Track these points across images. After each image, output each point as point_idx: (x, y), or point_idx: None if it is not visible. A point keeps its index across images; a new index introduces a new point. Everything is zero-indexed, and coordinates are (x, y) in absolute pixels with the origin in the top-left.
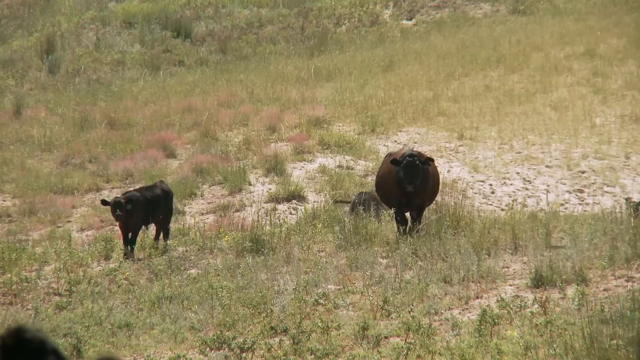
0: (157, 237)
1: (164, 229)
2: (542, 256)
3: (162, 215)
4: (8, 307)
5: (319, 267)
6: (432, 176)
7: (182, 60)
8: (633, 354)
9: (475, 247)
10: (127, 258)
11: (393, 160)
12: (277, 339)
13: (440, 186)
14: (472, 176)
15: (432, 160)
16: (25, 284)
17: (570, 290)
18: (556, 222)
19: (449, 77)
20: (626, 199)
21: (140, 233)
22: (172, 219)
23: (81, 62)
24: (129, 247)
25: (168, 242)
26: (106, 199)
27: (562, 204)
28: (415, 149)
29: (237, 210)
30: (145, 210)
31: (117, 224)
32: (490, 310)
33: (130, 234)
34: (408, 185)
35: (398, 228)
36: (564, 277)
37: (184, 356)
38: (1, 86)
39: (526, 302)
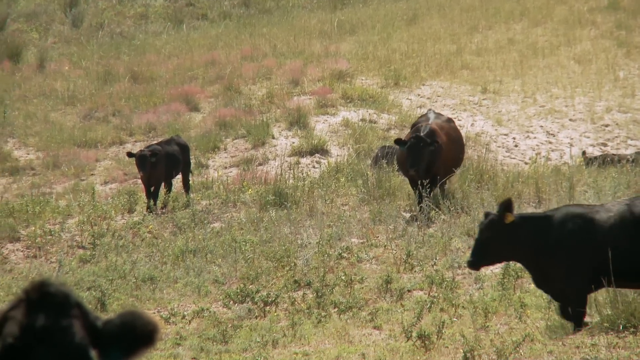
0: (186, 189)
1: (184, 182)
2: None
3: (182, 169)
4: (32, 260)
5: (342, 220)
6: (450, 145)
7: (205, 13)
8: None
9: (499, 201)
10: (150, 212)
11: (397, 140)
12: (300, 292)
13: (463, 154)
14: (496, 130)
15: (437, 142)
16: (49, 237)
17: None
18: (580, 176)
19: (473, 30)
20: (582, 152)
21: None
22: (196, 172)
23: (104, 16)
24: (151, 201)
25: (190, 195)
26: (131, 151)
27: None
28: (434, 120)
29: (260, 164)
30: (166, 164)
31: (140, 177)
32: (514, 263)
33: (152, 187)
34: (410, 168)
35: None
36: None
37: (207, 309)
38: (25, 40)
39: None
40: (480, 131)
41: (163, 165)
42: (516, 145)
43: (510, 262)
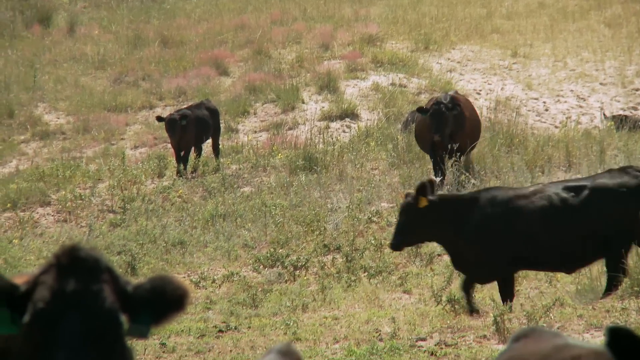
0: (216, 154)
1: (214, 146)
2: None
3: (212, 134)
4: (62, 225)
5: (372, 185)
6: (469, 119)
7: None
8: None
9: (529, 165)
10: (180, 176)
11: (419, 109)
12: (330, 257)
13: (480, 128)
14: (526, 94)
15: (459, 106)
16: (80, 201)
17: None
18: (610, 140)
19: None
20: (603, 114)
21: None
22: (225, 136)
23: None
24: (181, 165)
25: (219, 159)
26: (161, 116)
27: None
28: (451, 92)
29: (290, 128)
30: (196, 128)
31: (170, 141)
32: None
33: (182, 152)
34: (435, 134)
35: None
36: None
37: (237, 273)
38: (55, 4)
39: None
40: (510, 95)
41: (193, 129)
42: (546, 109)
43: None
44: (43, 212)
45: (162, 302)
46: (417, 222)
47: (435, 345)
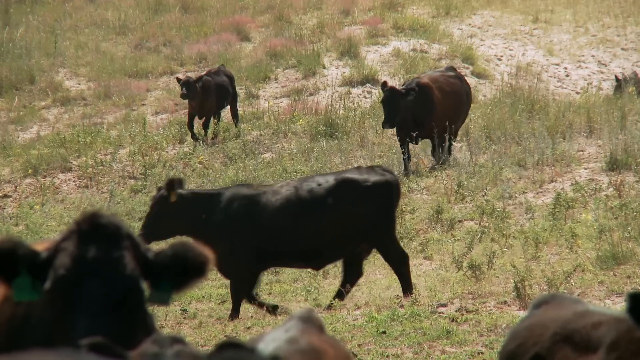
0: (235, 119)
1: (233, 112)
2: (617, 139)
3: (232, 99)
4: (83, 190)
5: (393, 150)
6: (441, 103)
7: None
8: None
9: (550, 131)
10: (196, 139)
11: (383, 85)
12: None
13: (463, 109)
14: (547, 59)
15: (414, 90)
16: (101, 167)
17: None
18: (632, 105)
19: None
20: (616, 78)
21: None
22: (246, 102)
23: None
24: (194, 131)
25: (239, 125)
26: (179, 77)
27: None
28: (428, 74)
29: (311, 94)
30: (217, 95)
31: (189, 105)
32: (565, 193)
33: (204, 118)
34: (385, 124)
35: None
36: None
37: None
38: None
39: (601, 186)
40: (531, 61)
41: (214, 96)
42: (567, 75)
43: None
44: (64, 178)
45: (183, 269)
46: (167, 216)
47: (456, 311)
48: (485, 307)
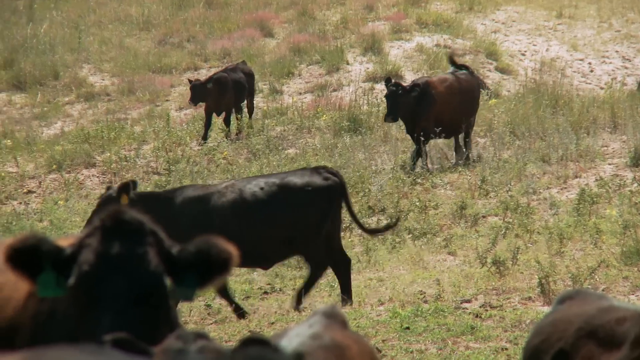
0: (250, 115)
1: (249, 109)
2: None
3: (248, 95)
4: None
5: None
6: (440, 102)
7: None
8: None
9: (574, 126)
10: (204, 141)
11: (387, 80)
12: (374, 218)
13: (477, 104)
14: (571, 55)
15: (418, 86)
16: (125, 162)
17: None
18: None
19: None
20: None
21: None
22: (270, 98)
23: None
24: (210, 130)
25: (251, 120)
26: (191, 79)
27: None
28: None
29: (334, 90)
30: (234, 91)
31: (204, 104)
32: (589, 189)
33: (224, 114)
34: (386, 117)
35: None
36: None
37: None
38: None
39: (625, 181)
40: (555, 56)
41: (232, 92)
42: (592, 71)
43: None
44: (88, 174)
45: (207, 265)
46: None
47: (480, 307)
48: (510, 303)
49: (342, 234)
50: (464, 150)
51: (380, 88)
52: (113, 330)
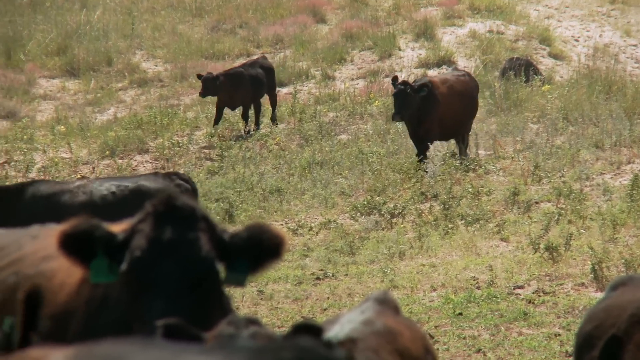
0: (273, 112)
1: (272, 104)
2: None
3: (268, 92)
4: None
5: (470, 132)
6: (443, 103)
7: None
8: None
9: (628, 112)
10: (212, 136)
11: (394, 78)
12: (427, 204)
13: (476, 106)
14: (624, 41)
15: (427, 86)
16: (177, 148)
17: None
18: None
19: None
20: None
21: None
22: (322, 84)
23: None
24: (219, 125)
25: (276, 122)
26: (201, 74)
27: None
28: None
29: (386, 76)
30: (251, 86)
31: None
32: None
33: (241, 109)
34: (395, 115)
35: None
36: None
37: (334, 221)
38: None
39: None
40: (608, 42)
41: (248, 87)
42: None
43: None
44: (141, 160)
45: (259, 250)
46: None
47: (533, 293)
48: (563, 289)
49: (394, 219)
50: (466, 152)
51: (433, 74)
52: (165, 316)
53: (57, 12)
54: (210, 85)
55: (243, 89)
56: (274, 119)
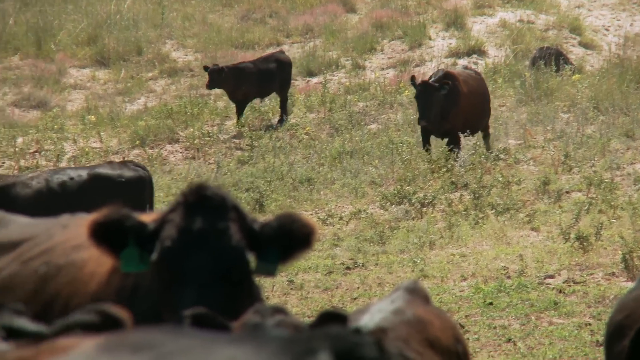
0: (283, 108)
1: (281, 100)
2: None
3: (279, 86)
4: (190, 162)
5: (500, 122)
6: (466, 95)
7: None
8: None
9: None
10: (243, 126)
11: (412, 78)
12: (457, 194)
13: (485, 106)
14: None
15: (448, 84)
16: (207, 138)
17: None
18: None
19: None
20: None
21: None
22: (352, 73)
23: None
24: (242, 117)
25: (285, 118)
26: (208, 66)
27: None
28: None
29: (417, 65)
30: (258, 81)
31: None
32: None
33: (244, 101)
34: (420, 120)
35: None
36: None
37: (364, 211)
38: None
39: None
40: (639, 31)
41: (254, 83)
42: None
43: None
44: (171, 149)
45: (289, 240)
46: None
47: (564, 282)
48: (593, 279)
49: (424, 209)
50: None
51: (463, 63)
52: (195, 306)
53: (88, 2)
54: (215, 77)
55: (247, 84)
56: (281, 121)
